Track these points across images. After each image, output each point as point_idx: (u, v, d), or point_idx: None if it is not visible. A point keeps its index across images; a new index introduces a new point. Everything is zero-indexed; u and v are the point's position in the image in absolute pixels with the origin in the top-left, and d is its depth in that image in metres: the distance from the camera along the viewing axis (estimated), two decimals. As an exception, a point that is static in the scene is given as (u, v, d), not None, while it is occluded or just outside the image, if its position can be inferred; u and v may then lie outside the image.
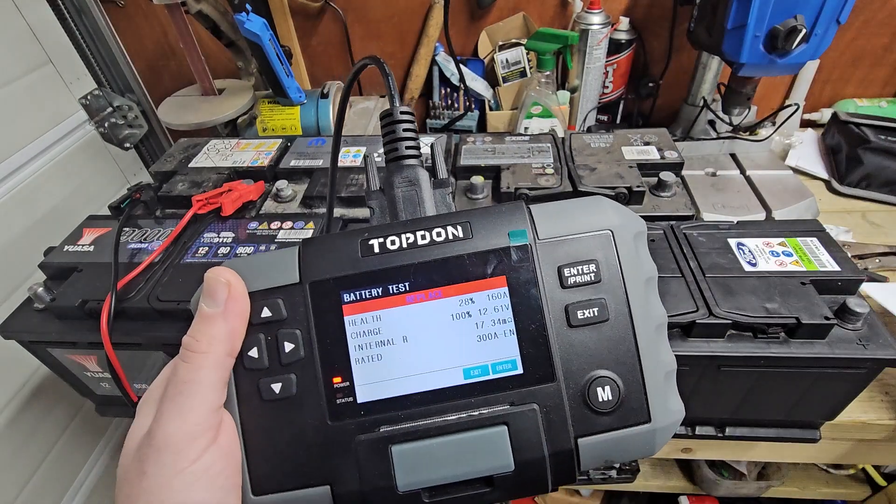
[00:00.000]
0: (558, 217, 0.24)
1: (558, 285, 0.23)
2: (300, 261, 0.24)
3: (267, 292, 0.23)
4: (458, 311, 0.23)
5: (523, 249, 0.23)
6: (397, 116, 0.27)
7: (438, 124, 0.95)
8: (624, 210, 0.25)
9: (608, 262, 0.23)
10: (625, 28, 0.82)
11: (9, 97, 0.74)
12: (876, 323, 0.40)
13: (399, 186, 0.27)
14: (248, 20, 0.69)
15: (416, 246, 0.23)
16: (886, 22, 0.80)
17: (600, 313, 0.23)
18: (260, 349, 0.23)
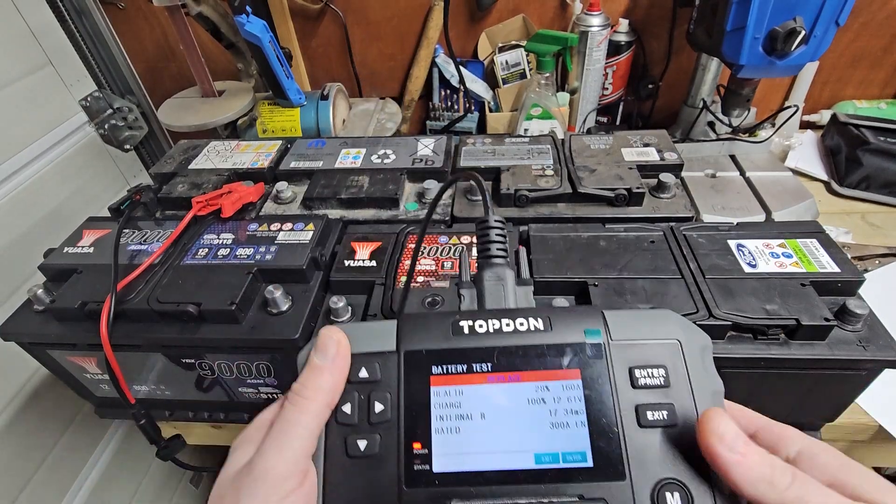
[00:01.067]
0: (630, 322, 0.26)
1: (629, 385, 0.24)
2: (398, 332, 0.26)
3: (366, 355, 0.26)
4: (533, 397, 0.24)
5: (597, 347, 0.25)
6: (492, 224, 0.32)
7: (438, 126, 0.95)
8: (690, 324, 0.26)
9: (676, 370, 0.24)
10: (624, 30, 0.82)
11: (9, 99, 0.74)
12: (876, 324, 0.40)
13: (488, 280, 0.31)
14: (249, 22, 0.69)
15: (500, 332, 0.25)
16: (885, 24, 0.80)
17: (670, 417, 0.23)
18: (353, 406, 0.25)
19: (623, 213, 0.53)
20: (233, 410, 0.54)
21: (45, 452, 0.75)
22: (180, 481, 1.04)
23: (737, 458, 0.21)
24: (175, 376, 0.50)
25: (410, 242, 0.49)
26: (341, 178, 0.60)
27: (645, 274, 0.44)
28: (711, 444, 0.22)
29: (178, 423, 0.58)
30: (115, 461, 0.86)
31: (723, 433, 0.22)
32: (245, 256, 0.48)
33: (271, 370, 0.47)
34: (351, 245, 0.49)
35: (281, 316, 0.44)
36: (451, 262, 0.46)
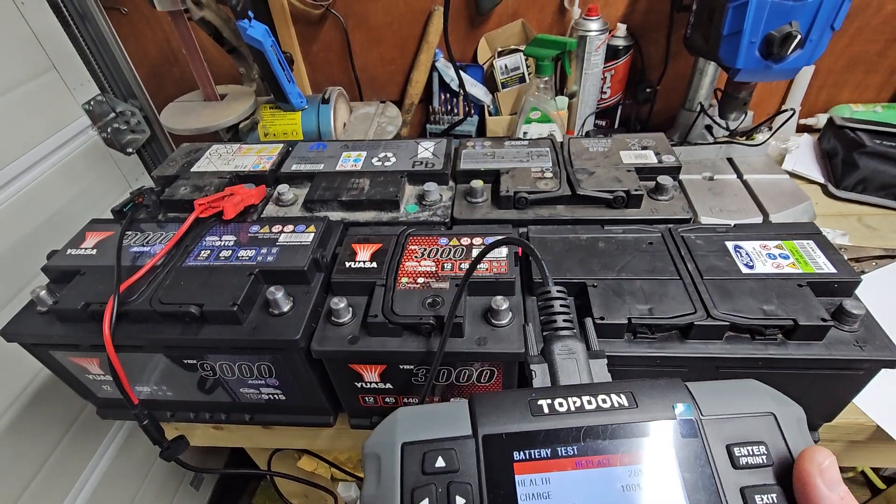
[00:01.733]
0: (716, 395, 0.24)
1: (730, 465, 0.22)
2: (472, 413, 0.24)
3: (439, 441, 0.24)
4: (628, 483, 0.22)
5: (690, 424, 0.23)
6: (554, 294, 0.31)
7: (438, 129, 0.95)
8: (780, 395, 0.25)
9: (776, 446, 0.22)
10: (622, 34, 0.83)
11: (13, 102, 0.75)
12: (873, 324, 0.41)
13: (559, 355, 0.29)
14: (251, 27, 0.70)
15: (583, 410, 0.24)
16: (880, 28, 0.81)
17: (780, 499, 0.21)
18: (432, 500, 0.22)
19: (621, 214, 0.54)
20: (234, 411, 0.54)
21: (47, 453, 0.75)
22: (181, 483, 1.03)
23: (836, 498, 0.20)
24: (177, 377, 0.50)
25: (411, 244, 0.49)
26: (342, 180, 0.60)
27: (643, 275, 0.45)
28: (809, 473, 0.21)
29: (179, 425, 0.59)
30: (117, 462, 0.86)
31: (825, 467, 0.21)
32: (247, 258, 0.48)
33: (273, 371, 0.47)
34: (352, 247, 0.50)
35: (282, 317, 0.44)
36: (451, 264, 0.47)
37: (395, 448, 0.24)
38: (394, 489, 0.22)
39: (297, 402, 0.50)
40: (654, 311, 0.41)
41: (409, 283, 0.45)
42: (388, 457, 0.24)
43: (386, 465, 0.23)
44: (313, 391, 0.48)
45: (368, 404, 0.49)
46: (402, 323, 0.42)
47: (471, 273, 0.38)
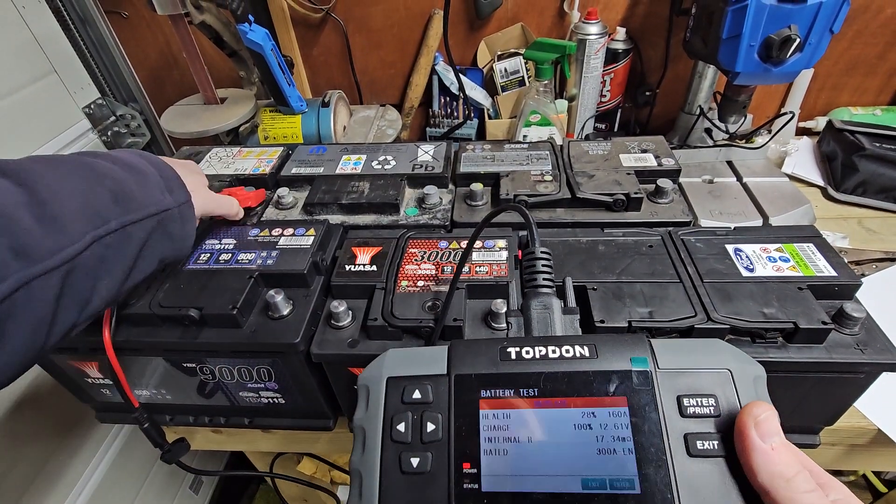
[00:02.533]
0: (677, 351, 0.26)
1: (677, 413, 0.24)
2: (449, 356, 0.28)
3: (418, 378, 0.27)
4: (580, 422, 0.25)
5: (644, 375, 0.25)
6: (538, 255, 0.34)
7: (438, 132, 0.96)
8: (742, 354, 0.26)
9: (728, 399, 0.24)
10: (621, 38, 0.83)
11: (14, 106, 0.75)
12: (873, 328, 0.41)
13: (535, 309, 0.32)
14: (251, 30, 0.70)
15: (546, 358, 0.26)
16: (879, 32, 0.81)
17: (719, 447, 0.23)
18: (406, 425, 0.26)
19: (621, 218, 0.54)
20: (234, 415, 0.54)
21: (46, 457, 0.74)
22: (180, 486, 1.03)
23: (766, 448, 0.22)
24: (176, 381, 0.50)
25: (411, 247, 0.49)
26: (342, 183, 0.60)
27: (643, 278, 0.45)
28: (745, 424, 0.22)
29: (178, 428, 0.58)
30: (116, 466, 0.86)
31: (762, 420, 0.22)
32: (246, 261, 0.48)
33: (272, 374, 0.47)
34: (352, 250, 0.50)
35: (282, 320, 0.44)
36: (451, 267, 0.47)
37: (382, 381, 0.28)
38: (378, 415, 0.27)
39: (297, 406, 0.50)
40: (655, 315, 0.41)
41: (409, 286, 0.45)
42: (375, 388, 0.27)
43: (374, 394, 0.27)
44: (313, 395, 0.48)
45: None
46: (401, 326, 0.42)
47: (469, 251, 0.40)
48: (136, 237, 0.37)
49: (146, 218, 0.37)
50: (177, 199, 0.41)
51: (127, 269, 0.37)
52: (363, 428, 0.27)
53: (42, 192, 0.32)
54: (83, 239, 0.33)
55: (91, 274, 0.33)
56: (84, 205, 0.34)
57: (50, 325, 0.31)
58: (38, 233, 0.30)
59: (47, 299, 0.31)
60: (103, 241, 0.34)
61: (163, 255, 0.40)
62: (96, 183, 0.36)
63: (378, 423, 0.26)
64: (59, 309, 0.32)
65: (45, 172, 0.34)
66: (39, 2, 0.79)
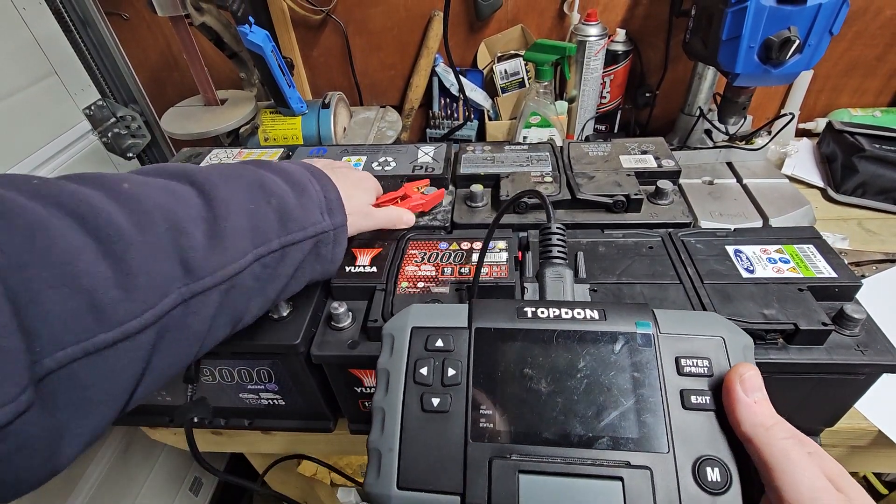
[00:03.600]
0: (677, 319, 0.29)
1: (675, 371, 0.27)
2: (469, 312, 0.30)
3: (442, 329, 0.30)
4: (587, 372, 0.28)
5: (647, 337, 0.28)
6: (553, 229, 0.37)
7: (438, 134, 0.96)
8: (734, 326, 0.29)
9: (719, 363, 0.27)
10: (621, 39, 0.83)
11: (14, 107, 0.75)
12: (874, 329, 0.41)
13: (549, 277, 0.35)
14: (251, 32, 0.70)
15: (560, 318, 0.29)
16: (878, 33, 0.81)
17: (710, 402, 0.26)
18: (429, 369, 0.28)
19: (621, 219, 0.54)
20: (234, 416, 0.54)
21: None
22: (180, 488, 1.03)
23: (749, 401, 0.25)
24: (176, 382, 0.50)
25: (411, 248, 0.49)
26: (342, 185, 0.60)
27: (643, 279, 0.45)
28: (731, 381, 0.25)
29: (178, 430, 0.58)
30: (116, 467, 0.86)
31: (746, 378, 0.25)
32: (247, 262, 0.48)
33: (272, 376, 0.47)
34: (352, 251, 0.50)
35: (282, 321, 0.44)
36: (451, 268, 0.47)
37: (406, 330, 0.30)
38: (402, 359, 0.29)
39: (297, 408, 0.50)
40: (655, 316, 0.41)
41: (410, 287, 0.45)
42: (400, 336, 0.30)
43: (398, 341, 0.30)
44: (313, 396, 0.48)
45: (368, 409, 0.49)
46: (402, 327, 0.42)
47: (497, 222, 0.42)
48: (293, 258, 0.37)
49: (305, 240, 0.37)
50: (335, 221, 0.40)
51: (280, 289, 0.37)
52: (387, 370, 0.29)
53: (218, 206, 0.32)
54: (245, 257, 0.33)
55: (247, 293, 0.34)
56: (251, 222, 0.34)
57: (202, 341, 0.32)
58: (206, 248, 0.31)
59: (205, 316, 0.31)
60: (263, 261, 0.34)
61: (312, 276, 0.41)
62: (264, 201, 0.36)
63: (402, 367, 0.29)
64: (213, 326, 0.32)
65: (222, 185, 0.34)
66: (40, 3, 0.79)
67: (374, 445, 0.27)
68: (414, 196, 0.54)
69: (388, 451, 0.27)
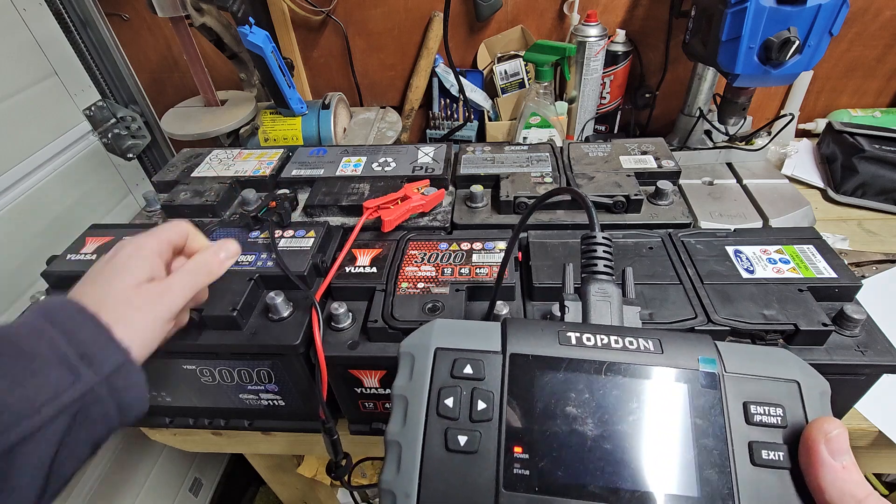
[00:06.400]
0: (745, 356, 0.25)
1: (743, 420, 0.23)
2: (503, 333, 0.26)
3: (470, 352, 0.26)
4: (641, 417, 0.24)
5: (711, 376, 0.24)
6: (600, 240, 0.32)
7: (438, 134, 0.96)
8: (809, 367, 0.25)
9: (794, 411, 0.23)
10: (621, 40, 0.83)
11: (14, 108, 0.75)
12: (874, 329, 0.41)
13: (594, 295, 0.30)
14: (251, 33, 0.70)
15: (609, 347, 0.25)
16: (878, 34, 0.81)
17: (785, 459, 0.22)
18: (456, 400, 0.24)
19: (621, 219, 0.54)
20: (233, 417, 0.54)
21: (44, 461, 0.74)
22: (179, 490, 1.03)
23: (837, 466, 0.21)
24: (176, 383, 0.50)
25: (411, 249, 0.49)
26: (342, 185, 0.60)
27: (644, 279, 0.45)
28: (815, 440, 0.22)
29: (178, 430, 0.58)
30: (115, 468, 0.86)
31: (833, 437, 0.22)
32: (247, 263, 0.48)
33: (272, 376, 0.47)
34: (352, 252, 0.50)
35: (282, 322, 0.44)
36: (451, 269, 0.47)
37: (429, 351, 0.26)
38: (423, 385, 0.25)
39: (297, 408, 0.50)
40: (655, 316, 0.41)
41: (410, 287, 0.45)
42: (422, 357, 0.26)
43: (419, 364, 0.26)
44: (313, 397, 0.48)
45: (368, 410, 0.48)
46: (402, 328, 0.42)
47: (526, 218, 0.38)
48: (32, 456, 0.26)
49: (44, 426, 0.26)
50: (101, 369, 0.29)
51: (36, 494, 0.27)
52: (405, 398, 0.25)
53: None
54: None
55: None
56: None
57: None
58: None
59: None
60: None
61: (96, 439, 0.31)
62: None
63: (423, 395, 0.25)
64: None
65: None
66: (40, 4, 0.79)
67: (389, 487, 0.23)
68: (414, 196, 0.54)
69: (404, 496, 0.23)
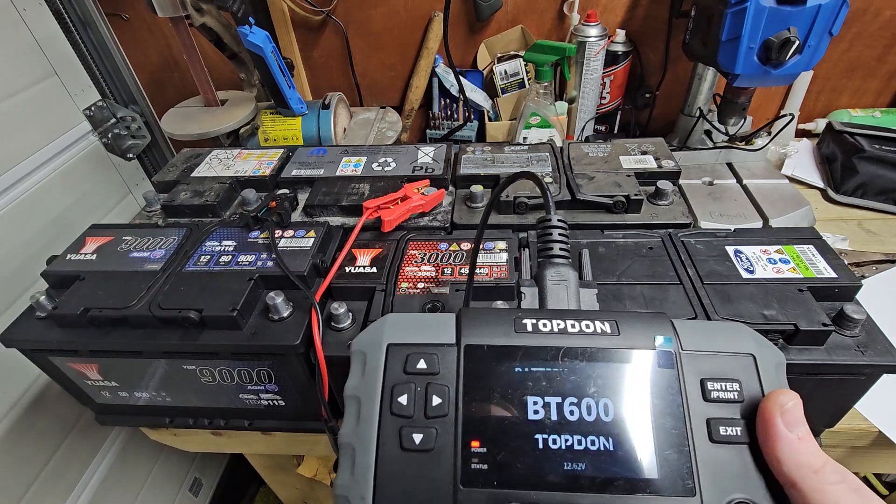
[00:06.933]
0: (700, 332, 0.25)
1: (700, 397, 0.23)
2: (458, 325, 0.25)
3: (423, 346, 0.25)
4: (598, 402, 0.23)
5: (668, 355, 0.24)
6: (554, 223, 0.31)
7: (438, 134, 0.96)
8: (764, 339, 0.25)
9: (750, 385, 0.23)
10: (621, 40, 0.83)
11: (14, 108, 0.75)
12: (874, 329, 0.41)
13: (550, 280, 0.30)
14: (251, 33, 0.70)
15: (565, 332, 0.25)
16: (878, 34, 0.81)
17: (743, 434, 0.22)
18: (409, 397, 0.24)
19: (621, 219, 0.54)
20: (233, 417, 0.54)
21: (45, 459, 0.74)
22: (180, 489, 1.03)
23: (793, 438, 0.21)
24: (176, 383, 0.50)
25: (411, 249, 0.49)
26: (342, 185, 0.60)
27: (643, 280, 0.45)
28: (770, 412, 0.22)
29: (178, 430, 0.58)
30: (115, 468, 0.86)
31: (788, 409, 0.21)
32: (247, 263, 0.48)
33: (272, 376, 0.47)
34: (352, 252, 0.50)
35: (282, 322, 0.44)
36: (451, 269, 0.47)
37: (381, 348, 0.25)
38: (376, 383, 0.24)
39: (297, 408, 0.50)
40: (655, 316, 0.41)
41: (410, 287, 0.45)
42: (373, 355, 0.25)
43: (371, 362, 0.25)
44: (313, 397, 0.48)
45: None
46: (401, 328, 0.42)
47: (491, 207, 0.37)
48: None
49: None
50: None
51: None
52: (357, 397, 0.24)
53: None
54: None
55: None
56: None
57: None
58: None
59: None
60: None
61: None
62: None
63: (376, 394, 0.24)
64: None
65: None
66: (40, 4, 0.79)
67: (343, 492, 0.22)
68: (414, 196, 0.54)
69: (359, 499, 0.22)
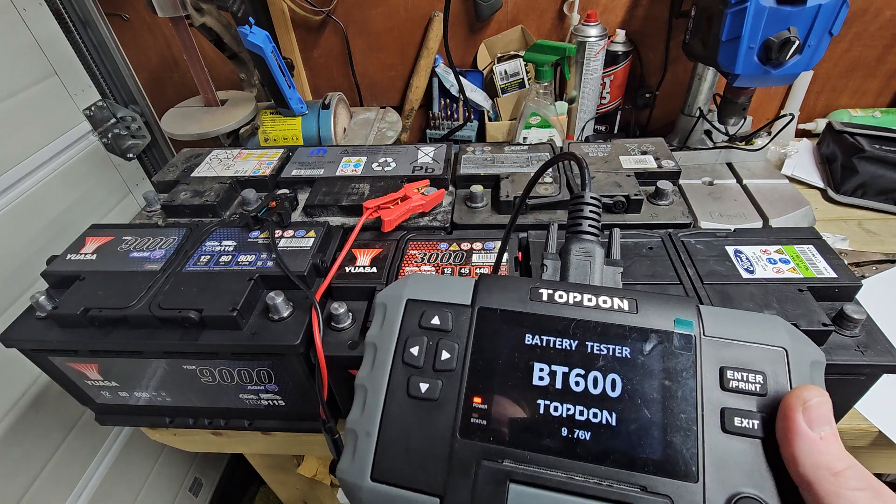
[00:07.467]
0: (729, 320, 0.24)
1: (718, 385, 0.22)
2: (475, 288, 0.26)
3: (440, 304, 0.26)
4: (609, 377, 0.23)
5: (686, 338, 0.23)
6: (588, 199, 0.31)
7: (438, 134, 0.96)
8: (802, 336, 0.24)
9: (777, 379, 0.22)
10: (621, 40, 0.83)
11: (14, 108, 0.75)
12: (874, 329, 0.41)
13: (575, 254, 0.30)
14: (251, 33, 0.70)
15: (581, 305, 0.24)
16: (878, 34, 0.81)
17: (759, 428, 0.21)
18: (420, 349, 0.25)
19: (621, 219, 0.54)
20: (233, 417, 0.54)
21: (45, 459, 0.74)
22: (180, 488, 1.03)
23: (814, 436, 0.19)
24: (176, 383, 0.50)
25: (411, 249, 0.49)
26: (342, 185, 0.60)
27: (644, 279, 0.45)
28: (791, 406, 0.20)
29: (178, 430, 0.58)
30: (115, 468, 0.86)
31: (812, 405, 0.20)
32: (246, 263, 0.48)
33: (272, 376, 0.47)
34: (352, 252, 0.50)
35: (282, 322, 0.44)
36: (451, 269, 0.47)
37: (401, 302, 0.26)
38: (392, 334, 0.26)
39: (297, 408, 0.50)
40: (655, 316, 0.41)
41: (409, 288, 0.45)
42: (393, 308, 0.26)
43: (390, 314, 0.26)
44: (313, 397, 0.48)
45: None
46: (402, 328, 0.42)
47: (530, 189, 0.36)
48: None
49: None
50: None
51: None
52: (375, 345, 0.26)
53: None
54: None
55: None
56: None
57: None
58: None
59: None
60: None
61: None
62: None
63: (391, 343, 0.25)
64: None
65: None
66: (40, 4, 0.79)
67: (352, 426, 0.24)
68: (414, 196, 0.54)
69: (365, 434, 0.24)
